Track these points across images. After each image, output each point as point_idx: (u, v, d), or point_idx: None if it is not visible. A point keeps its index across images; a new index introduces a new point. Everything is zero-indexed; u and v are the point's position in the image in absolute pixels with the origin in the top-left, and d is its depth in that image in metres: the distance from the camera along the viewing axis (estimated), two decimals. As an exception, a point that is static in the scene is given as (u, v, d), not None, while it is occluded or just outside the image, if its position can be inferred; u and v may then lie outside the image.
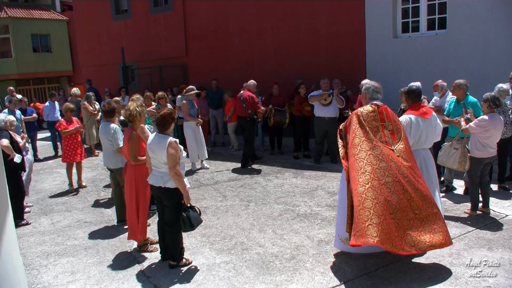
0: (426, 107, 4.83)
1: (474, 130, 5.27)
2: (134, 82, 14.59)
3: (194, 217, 4.26)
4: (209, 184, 7.64)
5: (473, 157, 5.38)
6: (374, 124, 4.22)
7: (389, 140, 4.18)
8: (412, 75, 8.45)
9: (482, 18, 8.09)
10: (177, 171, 4.14)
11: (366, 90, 4.48)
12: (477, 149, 5.34)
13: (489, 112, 5.25)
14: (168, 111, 4.40)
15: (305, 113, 9.12)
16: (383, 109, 4.31)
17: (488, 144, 5.29)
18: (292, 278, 4.11)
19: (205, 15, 12.45)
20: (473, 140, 5.38)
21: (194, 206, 4.37)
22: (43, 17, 24.71)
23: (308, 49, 10.53)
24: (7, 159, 5.59)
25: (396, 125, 4.28)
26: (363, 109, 4.30)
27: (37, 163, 10.04)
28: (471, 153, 5.40)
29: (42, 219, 6.31)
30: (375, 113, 4.26)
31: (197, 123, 8.52)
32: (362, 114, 4.25)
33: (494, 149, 5.39)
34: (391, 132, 4.23)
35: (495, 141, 5.35)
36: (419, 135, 4.60)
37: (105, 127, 5.49)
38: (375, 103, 4.35)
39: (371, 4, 9.41)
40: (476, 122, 5.25)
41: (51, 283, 4.31)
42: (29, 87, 24.47)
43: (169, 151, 4.14)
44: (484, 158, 5.37)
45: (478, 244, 4.66)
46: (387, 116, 4.27)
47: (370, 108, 4.29)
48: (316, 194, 6.74)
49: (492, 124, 5.19)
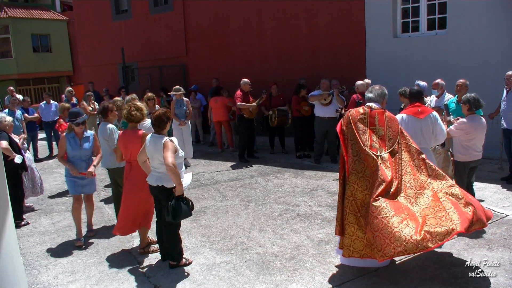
0: (423, 107, 4.84)
1: (454, 133, 5.12)
2: (134, 82, 14.60)
3: (182, 209, 4.12)
4: (209, 184, 7.64)
5: (457, 161, 5.21)
6: (361, 126, 4.06)
7: (376, 145, 3.99)
8: (412, 75, 8.44)
9: (482, 18, 8.09)
10: (173, 162, 4.04)
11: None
12: (460, 153, 5.16)
13: (469, 115, 5.07)
14: (162, 111, 4.39)
15: (304, 113, 9.14)
16: (376, 112, 4.13)
17: (471, 147, 5.09)
18: (292, 278, 4.11)
19: (205, 15, 12.45)
20: (456, 144, 5.22)
21: (187, 199, 4.24)
22: (43, 17, 24.73)
23: (308, 49, 10.54)
24: (7, 159, 5.59)
25: (390, 132, 4.07)
26: (354, 110, 4.19)
27: (37, 163, 10.02)
28: (454, 157, 5.26)
29: (42, 219, 6.31)
30: (365, 116, 4.10)
31: (179, 123, 8.83)
32: (352, 115, 4.13)
33: (479, 152, 5.18)
34: (380, 138, 4.04)
35: (478, 143, 5.13)
36: (411, 134, 4.56)
37: (102, 127, 5.51)
38: (369, 105, 4.21)
39: (371, 4, 9.41)
40: (456, 125, 5.10)
41: (51, 283, 4.31)
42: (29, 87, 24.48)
43: (165, 151, 4.14)
44: (469, 162, 5.17)
45: (478, 244, 4.66)
46: (379, 121, 4.09)
47: (361, 110, 4.16)
48: (316, 194, 6.74)
49: (472, 126, 5.00)
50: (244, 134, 9.27)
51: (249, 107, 8.99)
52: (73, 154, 5.21)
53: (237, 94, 9.03)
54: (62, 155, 5.22)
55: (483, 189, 6.52)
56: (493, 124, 7.38)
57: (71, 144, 5.20)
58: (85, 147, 5.26)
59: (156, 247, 4.86)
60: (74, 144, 5.21)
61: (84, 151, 5.26)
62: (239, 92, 9.04)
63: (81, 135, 5.25)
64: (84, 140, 5.27)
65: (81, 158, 5.23)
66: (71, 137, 5.23)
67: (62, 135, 5.27)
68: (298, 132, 9.35)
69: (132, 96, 7.00)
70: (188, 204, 4.24)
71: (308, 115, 9.12)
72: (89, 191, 5.46)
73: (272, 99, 9.70)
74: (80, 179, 5.26)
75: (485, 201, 6.03)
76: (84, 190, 5.38)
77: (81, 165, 5.22)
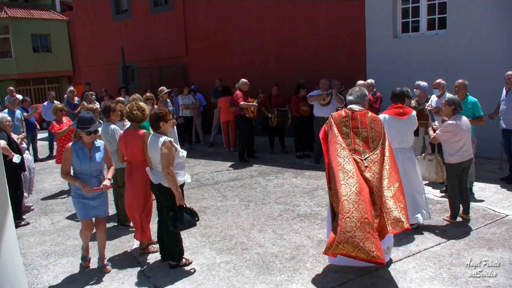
0: (405, 108, 4.98)
1: (443, 137, 5.10)
2: (134, 82, 14.59)
3: (184, 220, 4.18)
4: (209, 184, 7.64)
5: (449, 164, 5.19)
6: (344, 130, 4.04)
7: (359, 149, 3.98)
8: (412, 75, 8.45)
9: (482, 18, 8.09)
10: (169, 171, 4.11)
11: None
12: (450, 154, 5.14)
13: (453, 116, 5.07)
14: (156, 110, 4.39)
15: (302, 113, 9.14)
16: (358, 114, 4.10)
17: (461, 148, 5.09)
18: (292, 278, 4.11)
19: (205, 15, 12.45)
20: (445, 147, 5.21)
21: (190, 208, 4.31)
22: (43, 17, 24.75)
23: (308, 49, 10.54)
24: (6, 159, 5.58)
25: (374, 133, 4.04)
26: (336, 114, 4.18)
27: (37, 163, 10.03)
28: (445, 160, 5.24)
29: (42, 219, 6.31)
30: (347, 119, 4.08)
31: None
32: (335, 119, 4.11)
33: (470, 152, 5.19)
34: (364, 140, 4.01)
35: (468, 143, 5.13)
36: (393, 135, 4.67)
37: (105, 128, 5.49)
38: (351, 107, 4.20)
39: (371, 4, 9.41)
40: (443, 129, 5.09)
41: (51, 283, 4.30)
42: (29, 87, 24.49)
43: (162, 150, 4.14)
44: (461, 162, 5.15)
45: (478, 244, 4.66)
46: (361, 123, 4.07)
47: (342, 113, 4.14)
48: (316, 194, 6.74)
49: (459, 126, 5.01)
50: (245, 134, 9.27)
51: (250, 107, 8.96)
52: (82, 169, 4.27)
53: (238, 94, 9.02)
54: (67, 170, 4.29)
55: (483, 189, 6.52)
56: (493, 124, 7.39)
57: (78, 157, 4.25)
58: (97, 160, 4.35)
59: (156, 247, 4.86)
60: (83, 157, 4.26)
61: (95, 164, 4.33)
62: (239, 92, 9.03)
63: (91, 145, 4.37)
64: (94, 151, 4.35)
65: (91, 174, 4.30)
66: (78, 147, 4.28)
67: (68, 146, 4.32)
68: (298, 132, 9.35)
69: (134, 96, 7.02)
70: (192, 214, 4.27)
71: (307, 115, 9.12)
72: (103, 213, 4.45)
73: (272, 99, 9.71)
74: (91, 200, 4.33)
75: (485, 201, 6.03)
76: (97, 212, 4.39)
77: (91, 182, 4.29)
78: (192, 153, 10.35)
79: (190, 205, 4.56)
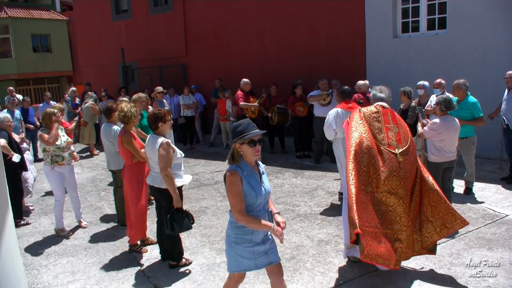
0: (353, 103, 5.87)
1: (427, 134, 5.14)
2: (134, 82, 14.59)
3: (182, 223, 4.17)
4: (209, 184, 7.64)
5: (430, 162, 5.19)
6: (376, 125, 4.03)
7: (393, 143, 3.97)
8: (412, 75, 8.45)
9: (482, 18, 8.09)
10: (167, 172, 4.09)
11: (372, 90, 4.47)
12: (432, 153, 5.16)
13: (442, 115, 5.06)
14: (155, 110, 4.40)
15: (298, 113, 9.14)
16: (388, 111, 4.15)
17: (443, 148, 5.08)
18: (292, 278, 4.11)
19: (205, 15, 12.45)
20: (429, 145, 5.25)
21: (186, 211, 4.29)
22: (43, 17, 24.74)
23: (308, 49, 10.53)
24: (6, 158, 5.58)
25: (403, 130, 4.07)
26: (366, 109, 4.17)
27: (37, 163, 10.03)
28: (428, 157, 5.27)
29: (42, 219, 6.31)
30: (379, 114, 4.09)
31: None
32: (365, 114, 4.10)
33: (453, 153, 5.17)
34: (396, 134, 4.03)
35: (451, 144, 5.12)
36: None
37: (107, 129, 5.48)
38: (380, 104, 4.21)
39: (371, 4, 9.41)
40: (429, 126, 5.11)
41: (51, 283, 4.31)
42: (29, 87, 24.49)
43: (160, 151, 4.13)
44: (442, 162, 5.15)
45: (478, 244, 4.66)
46: (392, 119, 4.11)
47: (373, 108, 4.14)
48: (316, 194, 6.74)
49: (444, 127, 4.98)
50: None
51: (251, 107, 8.98)
52: (258, 199, 3.02)
53: (238, 94, 9.02)
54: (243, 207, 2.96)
55: (483, 189, 6.52)
56: (493, 124, 7.39)
57: (252, 185, 2.99)
58: (267, 189, 3.16)
59: (146, 248, 4.93)
60: (256, 184, 3.02)
61: (267, 195, 3.15)
62: (240, 92, 9.04)
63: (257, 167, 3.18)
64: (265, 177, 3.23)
65: (264, 208, 3.11)
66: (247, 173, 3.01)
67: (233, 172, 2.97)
68: (296, 133, 9.34)
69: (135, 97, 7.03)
70: (188, 216, 4.26)
71: (304, 116, 9.13)
72: (277, 259, 3.16)
73: (272, 99, 9.71)
74: (262, 244, 3.06)
75: (485, 201, 6.03)
76: (270, 258, 3.09)
77: (262, 216, 3.04)
78: (192, 153, 10.36)
79: (190, 205, 4.56)
